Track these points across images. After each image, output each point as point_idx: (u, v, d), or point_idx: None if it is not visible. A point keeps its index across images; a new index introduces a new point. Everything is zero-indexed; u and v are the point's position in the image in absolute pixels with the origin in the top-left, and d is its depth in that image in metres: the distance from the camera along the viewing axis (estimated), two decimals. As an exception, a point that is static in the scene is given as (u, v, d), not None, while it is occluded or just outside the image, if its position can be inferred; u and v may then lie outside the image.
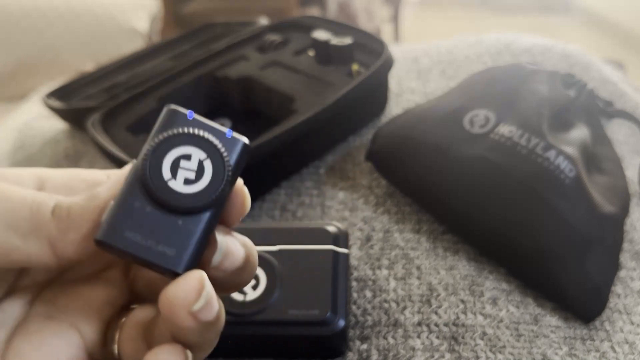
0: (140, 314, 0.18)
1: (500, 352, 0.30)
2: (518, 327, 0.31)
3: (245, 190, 0.18)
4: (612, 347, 0.30)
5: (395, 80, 0.53)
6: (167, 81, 0.49)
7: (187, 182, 0.16)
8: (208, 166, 0.16)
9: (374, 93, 0.47)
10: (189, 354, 0.16)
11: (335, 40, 0.47)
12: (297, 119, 0.39)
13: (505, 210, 0.34)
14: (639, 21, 2.32)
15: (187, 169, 0.16)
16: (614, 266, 0.34)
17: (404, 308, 0.32)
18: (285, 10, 1.45)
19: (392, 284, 0.34)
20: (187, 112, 0.17)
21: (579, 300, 0.32)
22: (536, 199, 0.33)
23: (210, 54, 0.51)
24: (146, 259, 0.16)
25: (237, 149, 0.17)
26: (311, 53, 0.50)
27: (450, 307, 0.32)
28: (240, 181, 0.18)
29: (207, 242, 0.16)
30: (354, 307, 0.32)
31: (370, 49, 0.48)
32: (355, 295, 0.33)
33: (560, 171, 0.34)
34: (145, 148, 0.16)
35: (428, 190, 0.37)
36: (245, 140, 0.17)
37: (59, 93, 0.53)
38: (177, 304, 0.15)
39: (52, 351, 0.17)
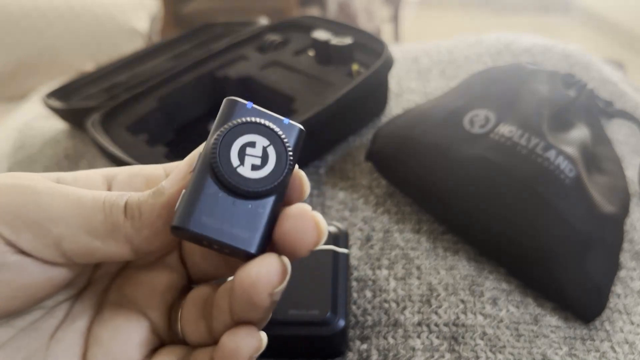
0: (197, 293, 0.19)
1: (500, 352, 0.30)
2: (518, 327, 0.31)
3: (303, 174, 0.19)
4: (612, 347, 0.30)
5: (395, 80, 0.53)
6: (167, 81, 0.49)
7: (254, 167, 0.17)
8: (271, 152, 0.17)
9: (374, 93, 0.47)
10: (262, 334, 0.18)
11: (335, 40, 0.47)
12: (297, 119, 0.39)
13: (505, 210, 0.34)
14: (639, 21, 2.32)
15: (253, 156, 0.17)
16: (614, 266, 0.34)
17: (404, 308, 0.32)
18: (285, 10, 1.45)
19: (392, 284, 0.34)
20: (246, 102, 0.18)
21: (579, 300, 0.32)
22: (536, 199, 0.33)
23: (210, 54, 0.51)
24: (222, 241, 0.17)
25: (295, 135, 0.18)
26: (311, 53, 0.50)
27: (450, 307, 0.32)
28: (296, 167, 0.18)
29: (275, 222, 0.17)
30: (354, 307, 0.32)
31: (370, 49, 0.48)
32: (355, 295, 0.33)
33: (560, 171, 0.34)
34: (213, 138, 0.17)
35: (428, 191, 0.37)
36: (301, 126, 0.18)
37: (59, 93, 0.53)
38: (261, 285, 0.16)
39: (126, 336, 0.19)
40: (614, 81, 0.51)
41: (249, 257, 0.17)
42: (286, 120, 0.18)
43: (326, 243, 0.31)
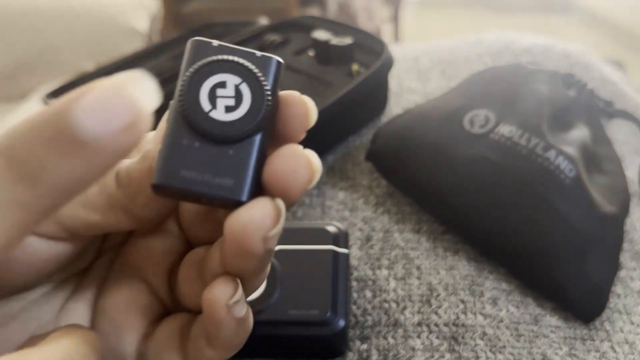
0: (192, 256, 0.19)
1: (500, 352, 0.30)
2: (518, 327, 0.31)
3: (306, 99, 0.17)
4: (612, 347, 0.30)
5: (395, 80, 0.53)
6: (167, 81, 0.49)
7: (229, 109, 0.16)
8: (245, 90, 0.16)
9: (374, 93, 0.47)
10: (239, 281, 0.17)
11: (335, 40, 0.47)
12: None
13: (505, 210, 0.34)
14: (639, 21, 2.32)
15: (226, 97, 0.16)
16: (614, 266, 0.34)
17: (404, 308, 0.32)
18: (285, 10, 1.45)
19: (392, 284, 0.34)
20: (211, 40, 0.16)
21: (579, 300, 0.32)
22: (536, 199, 0.33)
23: (210, 54, 0.51)
24: (207, 193, 0.15)
25: (272, 68, 0.17)
26: (311, 53, 0.50)
27: (450, 307, 0.32)
28: (296, 93, 0.17)
29: (262, 166, 0.16)
30: (354, 307, 0.32)
31: (370, 49, 0.48)
32: (355, 295, 0.33)
33: (560, 171, 0.34)
34: (179, 84, 0.16)
35: (428, 191, 0.37)
36: (278, 58, 0.17)
37: (59, 93, 0.53)
38: (252, 227, 0.15)
39: (128, 304, 0.19)
40: (614, 81, 0.51)
41: (240, 205, 0.15)
42: (259, 53, 0.17)
43: (326, 243, 0.31)
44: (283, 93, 0.17)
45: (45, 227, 0.16)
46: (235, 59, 0.16)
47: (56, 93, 0.53)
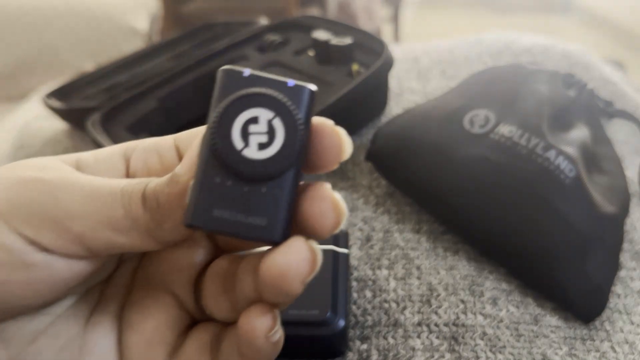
0: (215, 268, 0.19)
1: (500, 352, 0.30)
2: (518, 327, 0.31)
3: (339, 130, 0.17)
4: (612, 347, 0.30)
5: (395, 80, 0.53)
6: (167, 81, 0.49)
7: (262, 146, 0.15)
8: (278, 125, 0.15)
9: (374, 93, 0.47)
10: (277, 312, 0.17)
11: (335, 40, 0.47)
12: (297, 119, 0.39)
13: (505, 210, 0.34)
14: (639, 21, 2.32)
15: (258, 133, 0.15)
16: (614, 266, 0.34)
17: (404, 308, 0.32)
18: (285, 10, 1.45)
19: (392, 284, 0.34)
20: (243, 70, 0.16)
21: (579, 300, 0.32)
22: (536, 199, 0.33)
23: (210, 54, 0.51)
24: (240, 234, 0.15)
25: (304, 98, 0.16)
26: (311, 53, 0.50)
27: (450, 307, 0.32)
28: (329, 122, 0.17)
29: (295, 202, 0.16)
30: (354, 307, 0.32)
31: (370, 49, 0.48)
32: (355, 295, 0.33)
33: (560, 171, 0.34)
34: (211, 120, 0.15)
35: (428, 190, 0.37)
36: (312, 87, 0.16)
37: (59, 93, 0.53)
38: (290, 275, 0.15)
39: (157, 317, 0.19)
40: (614, 81, 0.51)
41: (274, 244, 0.16)
42: (291, 82, 0.16)
43: (326, 243, 0.31)
44: (316, 122, 0.17)
45: (67, 247, 0.16)
46: (267, 92, 0.15)
47: (56, 93, 0.53)
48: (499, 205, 0.34)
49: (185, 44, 0.61)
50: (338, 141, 0.17)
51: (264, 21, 0.62)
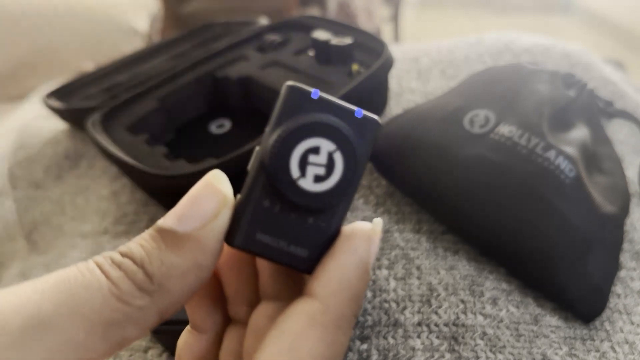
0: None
1: (500, 352, 0.30)
2: (518, 327, 0.31)
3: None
4: (612, 347, 0.30)
5: (395, 80, 0.53)
6: (167, 81, 0.49)
7: (318, 179, 0.15)
8: (338, 159, 0.15)
9: (374, 93, 0.47)
10: None
11: (335, 40, 0.47)
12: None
13: (505, 210, 0.34)
14: (639, 21, 2.32)
15: (317, 165, 0.15)
16: (614, 266, 0.34)
17: (404, 308, 0.32)
18: (285, 10, 1.45)
19: (392, 284, 0.34)
20: (311, 90, 0.15)
21: (579, 300, 0.32)
22: (536, 199, 0.33)
23: (210, 54, 0.51)
24: (280, 261, 0.15)
25: (369, 131, 0.15)
26: (311, 53, 0.50)
27: (450, 307, 0.32)
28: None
29: (337, 235, 0.15)
30: (354, 307, 0.32)
31: (370, 49, 0.48)
32: (355, 295, 0.33)
33: (561, 171, 0.34)
34: (270, 140, 0.15)
35: (428, 190, 0.37)
36: (377, 118, 0.16)
37: (59, 93, 0.53)
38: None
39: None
40: (614, 81, 0.51)
41: (307, 273, 0.16)
42: (359, 112, 0.15)
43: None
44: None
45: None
46: (334, 123, 0.15)
47: (56, 93, 0.53)
48: (499, 205, 0.34)
49: (185, 44, 0.62)
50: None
51: (264, 21, 0.62)
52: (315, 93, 0.15)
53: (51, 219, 0.45)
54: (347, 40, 0.47)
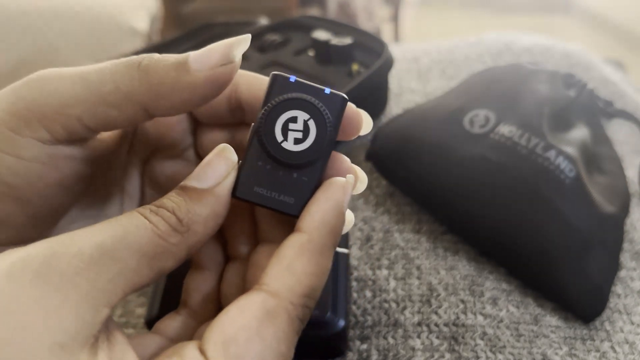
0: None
1: (500, 352, 0.30)
2: (518, 327, 0.31)
3: (361, 112, 0.21)
4: (612, 347, 0.30)
5: (395, 80, 0.53)
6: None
7: (297, 141, 0.19)
8: (312, 125, 0.19)
9: (374, 93, 0.47)
10: None
11: (335, 40, 0.47)
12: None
13: (506, 210, 0.34)
14: (639, 21, 2.32)
15: (296, 130, 0.19)
16: (614, 266, 0.34)
17: (404, 308, 0.32)
18: (285, 10, 1.45)
19: (392, 284, 0.34)
20: (289, 76, 0.20)
21: (579, 300, 0.32)
22: (536, 199, 0.33)
23: (210, 53, 0.51)
24: (272, 207, 0.20)
25: (337, 104, 0.20)
26: (311, 53, 0.50)
27: (450, 307, 0.32)
28: (353, 106, 0.21)
29: (319, 185, 0.20)
30: (354, 307, 0.32)
31: (370, 49, 0.48)
32: (355, 295, 0.33)
33: (561, 171, 0.34)
34: (259, 117, 0.19)
35: (428, 190, 0.37)
36: (344, 95, 0.20)
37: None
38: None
39: None
40: (614, 81, 0.51)
41: (294, 217, 0.19)
42: (327, 90, 0.20)
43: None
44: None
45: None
46: (306, 97, 0.19)
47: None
48: (499, 205, 0.34)
49: (185, 44, 0.61)
50: (359, 118, 0.21)
51: (264, 21, 0.62)
52: (293, 78, 0.20)
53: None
54: (347, 40, 0.47)
